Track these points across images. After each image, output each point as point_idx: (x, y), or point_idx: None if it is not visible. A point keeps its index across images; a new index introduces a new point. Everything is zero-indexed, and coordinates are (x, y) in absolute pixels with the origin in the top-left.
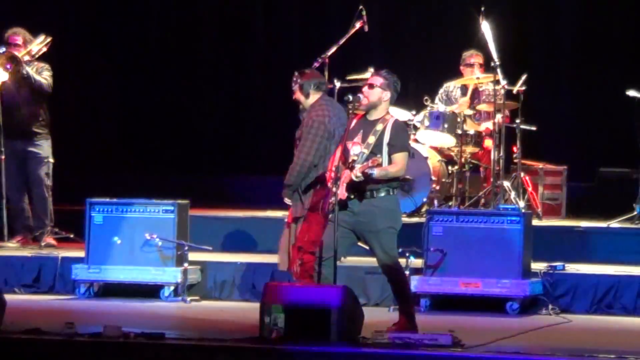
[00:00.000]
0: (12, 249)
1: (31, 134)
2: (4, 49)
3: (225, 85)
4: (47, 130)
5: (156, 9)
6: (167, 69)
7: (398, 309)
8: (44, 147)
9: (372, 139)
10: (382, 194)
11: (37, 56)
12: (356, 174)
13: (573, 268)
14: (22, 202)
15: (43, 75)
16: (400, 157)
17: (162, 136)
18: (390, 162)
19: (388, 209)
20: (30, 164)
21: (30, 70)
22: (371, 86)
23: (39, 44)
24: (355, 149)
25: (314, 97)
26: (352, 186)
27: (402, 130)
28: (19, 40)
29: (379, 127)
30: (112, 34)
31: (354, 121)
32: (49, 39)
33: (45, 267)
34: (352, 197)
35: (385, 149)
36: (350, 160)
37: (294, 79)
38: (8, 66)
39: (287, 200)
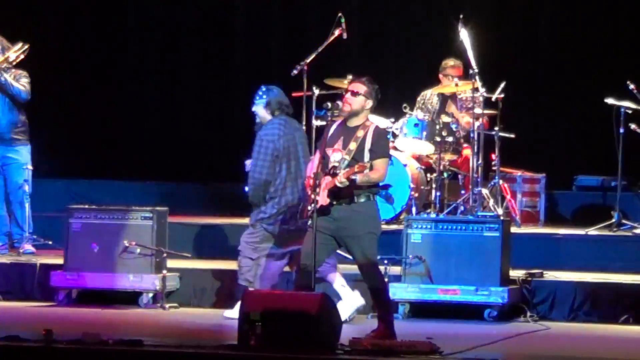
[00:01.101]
0: None
1: (10, 140)
2: None
3: (205, 91)
4: (26, 137)
5: (136, 15)
6: (147, 76)
7: (377, 316)
8: (23, 154)
9: (353, 145)
10: (363, 200)
11: (14, 63)
12: (340, 179)
13: (551, 275)
14: (0, 209)
15: (21, 82)
16: (381, 163)
17: (140, 143)
18: (371, 168)
19: (368, 215)
20: (9, 171)
21: (8, 77)
22: (355, 94)
23: (17, 51)
24: (336, 156)
25: (274, 115)
26: (332, 192)
27: (383, 137)
28: None
29: (360, 133)
30: (91, 40)
31: (333, 128)
32: (26, 47)
33: (24, 274)
34: (334, 203)
35: (366, 155)
36: (330, 167)
37: (261, 93)
38: None
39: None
